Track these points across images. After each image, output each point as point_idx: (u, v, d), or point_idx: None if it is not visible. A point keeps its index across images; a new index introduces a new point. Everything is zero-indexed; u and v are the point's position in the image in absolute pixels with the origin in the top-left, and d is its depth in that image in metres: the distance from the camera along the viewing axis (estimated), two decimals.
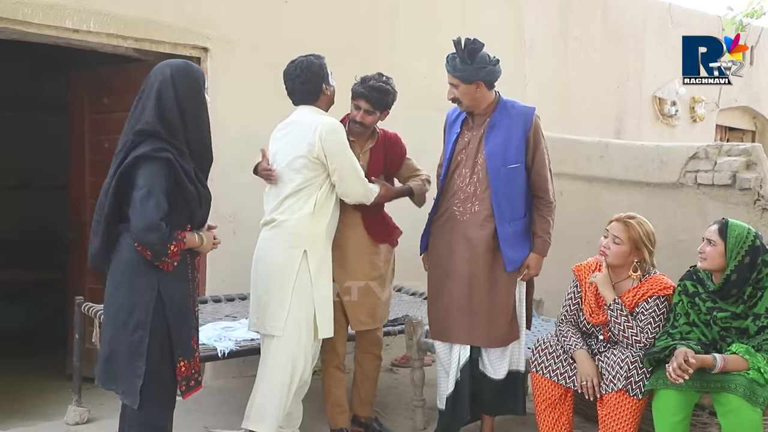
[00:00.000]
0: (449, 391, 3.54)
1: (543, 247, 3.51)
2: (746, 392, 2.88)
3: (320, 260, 3.38)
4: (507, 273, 3.47)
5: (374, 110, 3.54)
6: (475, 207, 3.46)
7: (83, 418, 4.04)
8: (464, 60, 3.33)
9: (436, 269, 3.61)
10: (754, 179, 4.60)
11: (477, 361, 3.54)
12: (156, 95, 2.68)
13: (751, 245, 3.07)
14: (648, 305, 3.26)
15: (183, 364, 2.75)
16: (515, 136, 3.43)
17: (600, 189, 5.44)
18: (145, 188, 2.59)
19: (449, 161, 3.54)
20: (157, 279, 2.68)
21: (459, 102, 3.44)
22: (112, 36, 4.26)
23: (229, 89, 4.66)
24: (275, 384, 3.34)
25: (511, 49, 6.44)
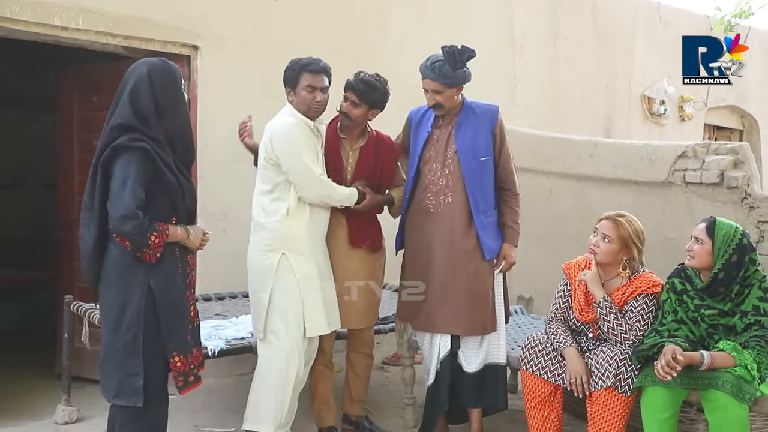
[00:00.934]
0: (429, 383, 3.59)
1: (514, 236, 3.62)
2: (733, 389, 2.90)
3: (305, 261, 3.38)
4: (485, 262, 3.54)
5: (360, 103, 3.53)
6: (449, 198, 3.54)
7: (72, 418, 4.03)
8: (455, 67, 3.41)
9: (413, 263, 3.66)
10: (741, 178, 4.63)
11: (457, 354, 3.59)
12: (131, 92, 2.70)
13: (738, 244, 3.09)
14: (637, 303, 3.28)
15: (179, 359, 2.74)
16: (483, 132, 3.54)
17: (589, 187, 5.46)
18: (120, 178, 2.60)
19: (419, 159, 3.60)
20: (146, 275, 2.68)
21: (440, 107, 3.51)
22: (101, 34, 4.24)
23: (219, 87, 4.66)
24: (270, 384, 3.36)
25: (501, 48, 6.46)
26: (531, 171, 5.61)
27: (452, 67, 3.41)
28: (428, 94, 3.50)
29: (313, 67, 3.40)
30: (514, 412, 4.19)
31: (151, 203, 2.67)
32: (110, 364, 2.71)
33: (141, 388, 2.65)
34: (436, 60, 3.44)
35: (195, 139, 4.57)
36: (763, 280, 3.12)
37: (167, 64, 2.83)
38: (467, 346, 3.59)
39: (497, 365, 3.61)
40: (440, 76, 3.42)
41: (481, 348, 3.58)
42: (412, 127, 3.70)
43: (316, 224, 3.47)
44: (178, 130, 2.82)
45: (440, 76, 3.42)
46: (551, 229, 5.58)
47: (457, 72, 3.43)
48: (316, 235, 3.47)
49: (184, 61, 4.59)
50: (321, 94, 3.41)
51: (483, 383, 3.59)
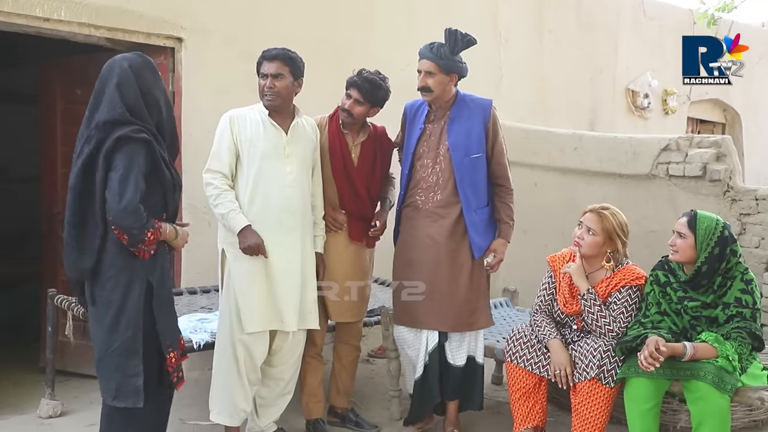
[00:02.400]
0: (417, 375, 3.60)
1: (508, 232, 3.63)
2: (715, 379, 2.93)
3: (243, 257, 3.31)
4: (473, 260, 3.54)
5: (364, 101, 3.54)
6: (438, 196, 3.54)
7: (56, 411, 4.00)
8: (454, 50, 3.40)
9: (401, 258, 3.67)
10: (723, 171, 4.68)
11: (444, 346, 3.60)
12: (117, 87, 2.64)
13: (720, 236, 3.12)
14: (621, 295, 3.31)
15: (173, 354, 2.74)
16: (476, 127, 3.52)
17: (574, 180, 5.50)
18: (122, 169, 2.54)
19: (412, 154, 3.59)
20: (145, 272, 2.65)
21: (429, 91, 3.47)
22: (84, 25, 4.19)
23: (203, 80, 4.63)
24: (218, 376, 3.41)
25: (486, 41, 6.46)
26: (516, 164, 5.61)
27: (451, 50, 3.40)
28: (420, 75, 3.47)
29: (266, 54, 3.35)
30: (499, 403, 4.23)
31: (148, 198, 2.64)
32: (108, 365, 2.64)
33: (141, 389, 2.60)
34: (437, 42, 3.43)
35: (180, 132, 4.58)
36: (746, 272, 3.15)
37: (145, 58, 2.80)
38: (452, 340, 3.60)
39: (475, 360, 3.65)
40: (436, 56, 3.40)
41: (463, 342, 3.61)
42: (407, 122, 3.69)
43: (269, 219, 3.34)
44: (166, 123, 2.80)
45: (436, 56, 3.40)
46: (536, 221, 5.61)
47: (455, 57, 3.42)
48: (269, 230, 3.32)
49: (168, 53, 4.56)
50: (271, 80, 3.31)
51: (464, 379, 3.63)
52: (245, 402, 3.40)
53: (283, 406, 3.59)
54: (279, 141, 3.38)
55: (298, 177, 3.41)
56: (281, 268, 3.36)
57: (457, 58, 3.45)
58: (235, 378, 3.36)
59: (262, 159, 3.34)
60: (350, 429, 3.85)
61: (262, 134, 3.36)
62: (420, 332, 3.60)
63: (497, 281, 5.48)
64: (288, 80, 3.34)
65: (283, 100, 3.36)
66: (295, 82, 3.38)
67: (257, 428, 3.56)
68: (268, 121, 3.38)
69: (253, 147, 3.35)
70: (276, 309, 3.36)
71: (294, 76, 3.36)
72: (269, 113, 3.38)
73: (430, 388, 3.60)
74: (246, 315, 3.31)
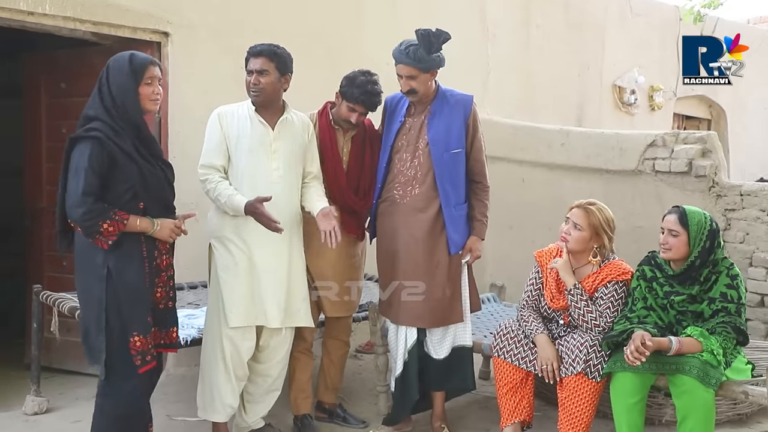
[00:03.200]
0: (398, 373, 3.60)
1: (482, 229, 3.61)
2: (700, 374, 2.96)
3: (227, 250, 3.32)
4: (450, 255, 3.54)
5: (366, 112, 3.57)
6: (416, 190, 3.53)
7: (42, 408, 3.98)
8: (430, 51, 3.36)
9: (382, 253, 3.67)
10: (709, 166, 4.72)
11: (423, 342, 3.61)
12: (98, 85, 2.83)
13: (710, 229, 3.15)
14: (607, 290, 3.32)
15: (138, 338, 2.83)
16: (456, 122, 3.51)
17: (561, 176, 5.52)
18: (73, 167, 2.74)
19: (391, 147, 3.59)
20: (104, 258, 2.78)
21: (414, 93, 3.47)
22: (69, 19, 4.15)
23: (190, 75, 4.60)
24: (203, 372, 3.41)
25: (474, 37, 6.46)
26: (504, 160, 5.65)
27: (427, 51, 3.36)
28: (402, 79, 3.45)
29: (252, 50, 3.34)
30: (486, 398, 4.24)
31: (107, 191, 2.77)
32: (86, 337, 2.87)
33: (104, 363, 2.80)
34: (410, 44, 3.39)
35: (166, 127, 4.56)
36: (731, 267, 3.17)
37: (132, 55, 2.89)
38: (433, 334, 3.60)
39: (463, 347, 3.64)
40: (414, 60, 3.37)
41: (447, 335, 3.61)
42: (387, 115, 3.69)
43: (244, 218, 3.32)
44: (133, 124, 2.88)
45: (414, 60, 3.37)
46: (523, 217, 5.63)
47: (432, 56, 3.38)
48: (256, 226, 3.27)
49: (155, 48, 4.52)
50: (256, 76, 3.29)
51: (451, 367, 3.62)
52: (232, 398, 3.39)
53: (271, 402, 3.58)
54: (265, 137, 3.36)
55: (286, 173, 3.39)
56: (267, 264, 3.35)
57: (434, 55, 3.42)
58: (222, 374, 3.34)
59: (248, 155, 3.33)
60: (338, 424, 3.85)
61: (248, 130, 3.34)
62: (398, 329, 3.60)
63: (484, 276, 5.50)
64: (273, 76, 3.31)
65: (268, 96, 3.34)
66: (281, 78, 3.35)
67: (244, 424, 3.55)
68: (255, 117, 3.36)
69: (239, 143, 3.33)
70: (258, 305, 3.35)
71: (280, 72, 3.33)
72: (256, 109, 3.37)
73: (409, 386, 3.60)
74: (230, 309, 3.30)
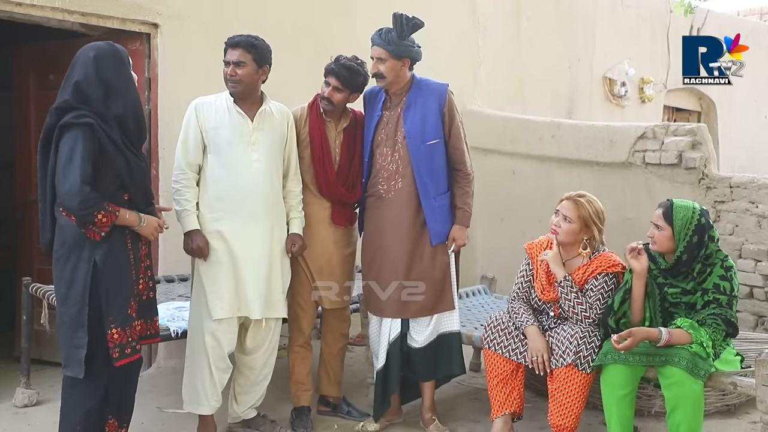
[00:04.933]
0: (380, 366, 3.61)
1: (465, 217, 3.60)
2: (689, 365, 2.97)
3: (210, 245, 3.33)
4: (432, 247, 3.54)
5: (343, 88, 3.53)
6: (399, 184, 3.53)
7: (32, 401, 3.98)
8: (401, 35, 3.39)
9: (367, 247, 3.68)
10: (699, 158, 4.74)
11: (406, 335, 3.61)
12: (71, 75, 2.77)
13: (697, 224, 3.15)
14: (597, 282, 3.34)
15: (116, 331, 2.79)
16: (431, 112, 3.50)
17: (552, 168, 5.53)
18: (66, 153, 2.66)
19: (371, 142, 3.58)
20: (91, 251, 2.74)
21: (381, 77, 3.47)
22: (58, 10, 4.12)
23: (180, 66, 4.58)
24: (189, 365, 3.42)
25: (464, 29, 6.45)
26: (494, 152, 5.66)
27: (398, 35, 3.39)
28: (373, 62, 3.48)
29: (229, 41, 3.34)
30: (476, 390, 4.26)
31: (101, 182, 2.73)
32: (60, 336, 2.82)
33: (82, 361, 2.74)
34: (385, 28, 3.43)
35: (156, 119, 4.54)
36: (725, 259, 3.18)
37: (113, 46, 2.88)
38: (416, 323, 3.60)
39: (450, 333, 3.64)
40: (384, 41, 3.41)
41: (430, 323, 3.60)
42: (367, 108, 3.69)
43: (236, 207, 3.33)
44: (129, 109, 2.86)
45: (384, 41, 3.41)
46: (514, 209, 5.64)
47: (403, 42, 3.41)
48: (237, 218, 3.33)
49: (144, 39, 4.50)
50: (233, 67, 3.28)
51: (437, 353, 3.62)
52: (215, 390, 3.40)
53: (259, 393, 3.58)
54: (245, 128, 3.36)
55: (266, 165, 3.38)
56: (248, 256, 3.35)
57: (408, 42, 3.44)
58: (205, 367, 3.36)
59: (227, 147, 3.33)
60: (342, 417, 3.85)
61: (227, 121, 3.34)
62: (382, 321, 3.61)
63: (475, 268, 5.51)
64: (251, 68, 3.30)
65: (245, 88, 3.33)
66: (259, 70, 3.34)
67: (235, 414, 3.56)
68: (233, 108, 3.35)
69: (218, 135, 3.33)
70: (238, 296, 3.36)
71: (258, 64, 3.32)
72: (235, 100, 3.36)
73: (389, 377, 3.61)
74: (213, 302, 3.31)
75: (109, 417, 2.97)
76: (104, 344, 2.78)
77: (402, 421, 3.79)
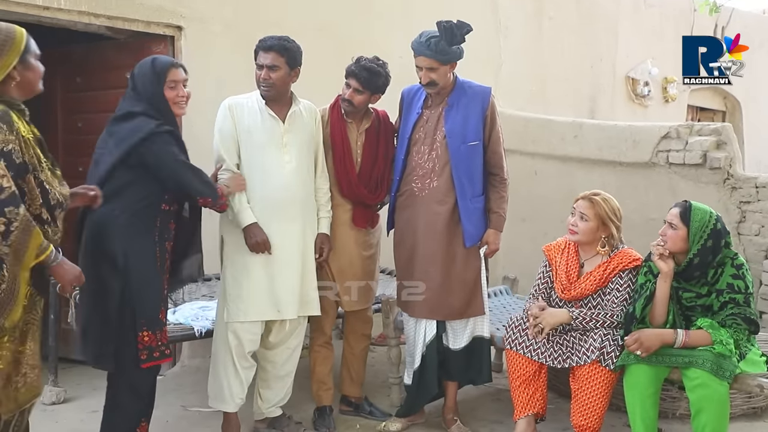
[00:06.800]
0: (416, 366, 3.61)
1: (499, 222, 3.58)
2: (713, 367, 2.94)
3: (237, 247, 3.34)
4: (466, 248, 3.53)
5: (363, 90, 3.53)
6: (434, 183, 3.51)
7: (60, 398, 4.04)
8: (452, 42, 3.34)
9: (399, 246, 3.67)
10: (723, 158, 4.69)
11: (442, 336, 3.61)
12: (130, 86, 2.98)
13: (713, 229, 3.12)
14: (621, 280, 3.32)
15: (146, 333, 2.84)
16: (474, 114, 3.49)
17: (574, 168, 5.51)
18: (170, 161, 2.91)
19: (408, 140, 3.57)
20: (123, 250, 2.81)
21: (434, 85, 3.45)
22: (84, 14, 4.18)
23: (203, 68, 4.61)
24: (214, 362, 3.46)
25: (486, 29, 6.44)
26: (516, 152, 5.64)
27: (449, 43, 3.34)
28: (422, 71, 3.43)
29: (261, 44, 3.34)
30: (499, 390, 4.25)
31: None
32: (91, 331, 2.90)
33: (112, 355, 2.84)
34: (430, 36, 3.36)
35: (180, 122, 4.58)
36: (735, 257, 3.15)
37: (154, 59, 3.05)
38: (453, 325, 3.60)
39: (482, 338, 3.64)
40: (435, 52, 3.35)
41: (467, 326, 3.60)
42: (404, 107, 3.67)
43: (270, 208, 3.34)
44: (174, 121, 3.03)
45: (435, 52, 3.35)
46: (536, 209, 5.62)
47: (453, 48, 3.37)
48: (271, 220, 3.34)
49: (168, 42, 4.55)
50: (267, 71, 3.29)
51: (470, 357, 3.62)
52: (239, 388, 3.43)
53: (283, 389, 3.60)
54: (276, 130, 3.38)
55: (298, 166, 3.40)
56: (283, 257, 3.37)
57: (455, 47, 3.40)
58: (229, 365, 3.39)
59: (260, 149, 3.34)
60: (364, 417, 3.86)
61: (259, 124, 3.36)
62: (418, 322, 3.61)
63: (497, 269, 5.50)
64: (284, 71, 3.32)
65: (278, 91, 3.36)
66: (291, 72, 3.36)
67: (260, 411, 3.59)
68: (265, 110, 3.37)
69: (251, 137, 3.35)
70: (274, 298, 3.37)
71: (290, 66, 3.34)
72: (266, 102, 3.38)
73: (427, 380, 3.60)
74: (236, 304, 3.33)
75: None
76: (132, 345, 2.83)
77: (424, 422, 3.79)
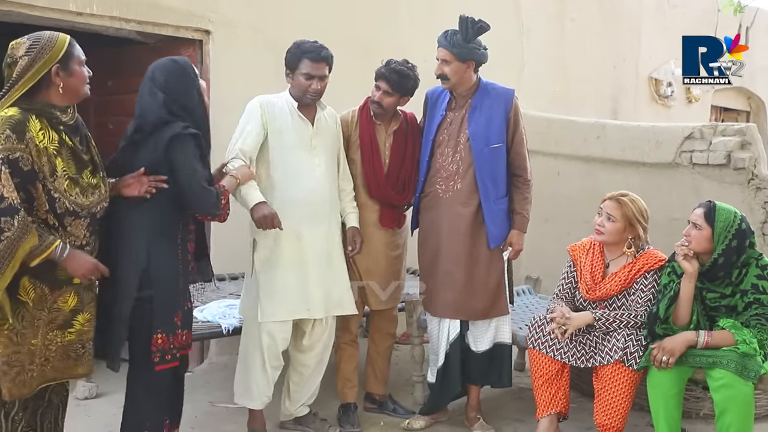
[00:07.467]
0: (439, 365, 3.65)
1: (523, 223, 3.61)
2: (738, 367, 2.95)
3: (269, 249, 3.39)
4: (490, 249, 3.56)
5: (393, 92, 3.58)
6: (458, 185, 3.55)
7: (92, 393, 4.13)
8: (467, 38, 3.40)
9: (423, 247, 3.71)
10: (748, 159, 4.67)
11: (466, 335, 3.64)
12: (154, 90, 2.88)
13: (738, 229, 3.12)
14: (646, 280, 3.34)
15: (160, 336, 2.82)
16: (497, 116, 3.52)
17: (597, 169, 5.51)
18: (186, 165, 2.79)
19: (432, 142, 3.61)
20: (146, 253, 2.78)
21: (446, 79, 3.50)
22: (116, 19, 4.28)
23: (231, 72, 4.70)
24: (242, 360, 3.52)
25: (508, 31, 6.47)
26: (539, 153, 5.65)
27: (464, 37, 3.40)
28: (438, 63, 3.50)
29: (314, 55, 3.34)
30: (521, 389, 4.28)
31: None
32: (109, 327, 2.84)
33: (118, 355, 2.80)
34: (452, 30, 3.45)
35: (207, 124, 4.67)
36: (760, 257, 3.15)
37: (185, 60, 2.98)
38: (476, 327, 3.64)
39: (503, 344, 3.67)
40: (450, 44, 3.42)
41: (489, 329, 3.64)
42: (428, 109, 3.71)
43: (300, 210, 3.39)
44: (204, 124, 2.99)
45: (450, 44, 3.42)
46: (559, 210, 5.63)
47: (469, 45, 3.42)
48: (301, 221, 3.39)
49: (197, 46, 4.63)
50: (318, 82, 3.35)
51: (491, 362, 3.66)
52: (267, 386, 3.49)
53: (311, 389, 3.66)
54: (306, 133, 3.44)
55: (326, 168, 3.48)
56: (312, 257, 3.43)
57: (474, 45, 3.44)
58: (258, 363, 3.45)
59: (291, 150, 3.40)
60: (388, 415, 3.91)
61: (290, 125, 3.41)
62: (441, 322, 3.65)
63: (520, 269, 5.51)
64: (327, 80, 3.42)
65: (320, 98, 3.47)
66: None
67: (288, 411, 3.65)
68: (296, 112, 3.43)
69: (281, 137, 3.39)
70: (304, 298, 3.42)
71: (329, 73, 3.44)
72: (298, 105, 3.44)
73: (450, 378, 3.64)
74: (270, 304, 3.37)
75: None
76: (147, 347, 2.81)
77: (447, 420, 3.83)
